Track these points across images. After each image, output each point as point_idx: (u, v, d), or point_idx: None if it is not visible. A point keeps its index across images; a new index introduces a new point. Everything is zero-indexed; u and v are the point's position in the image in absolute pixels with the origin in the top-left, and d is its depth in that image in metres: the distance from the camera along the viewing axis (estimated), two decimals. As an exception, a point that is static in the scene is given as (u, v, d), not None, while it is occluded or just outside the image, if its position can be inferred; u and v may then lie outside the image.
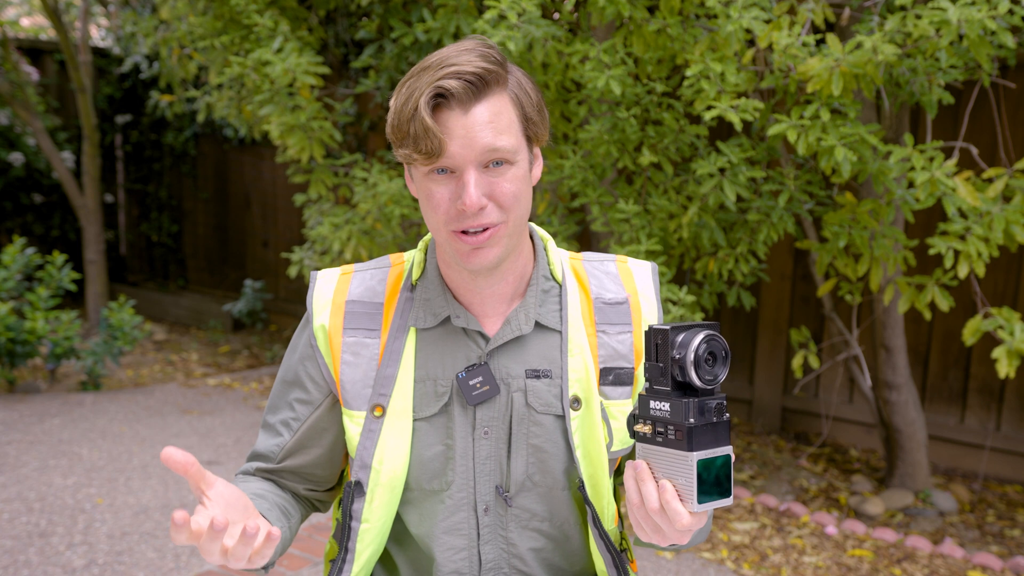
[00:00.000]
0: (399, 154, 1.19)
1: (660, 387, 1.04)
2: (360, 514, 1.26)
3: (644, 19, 3.02)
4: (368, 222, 3.85)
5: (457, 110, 1.14)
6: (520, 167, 1.19)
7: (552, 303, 1.30)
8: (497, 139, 1.15)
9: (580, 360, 1.27)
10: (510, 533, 1.29)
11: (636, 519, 1.07)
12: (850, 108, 2.94)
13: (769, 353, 4.70)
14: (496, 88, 1.17)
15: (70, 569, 3.07)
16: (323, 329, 1.29)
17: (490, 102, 1.16)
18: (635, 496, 1.06)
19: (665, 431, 1.03)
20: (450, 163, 1.16)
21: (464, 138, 1.14)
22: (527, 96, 1.21)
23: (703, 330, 1.03)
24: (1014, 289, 4.05)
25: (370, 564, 1.30)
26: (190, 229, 7.47)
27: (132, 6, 6.14)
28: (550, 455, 1.27)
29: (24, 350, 5.01)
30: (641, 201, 3.43)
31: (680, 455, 1.01)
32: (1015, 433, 4.12)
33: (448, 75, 1.13)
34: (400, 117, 1.16)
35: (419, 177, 1.20)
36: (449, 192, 1.17)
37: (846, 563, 3.31)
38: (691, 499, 1.01)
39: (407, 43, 3.85)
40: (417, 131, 1.13)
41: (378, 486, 1.25)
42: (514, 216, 1.19)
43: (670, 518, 1.02)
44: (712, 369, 1.03)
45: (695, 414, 1.01)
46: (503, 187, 1.17)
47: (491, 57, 1.17)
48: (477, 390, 1.25)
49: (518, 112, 1.19)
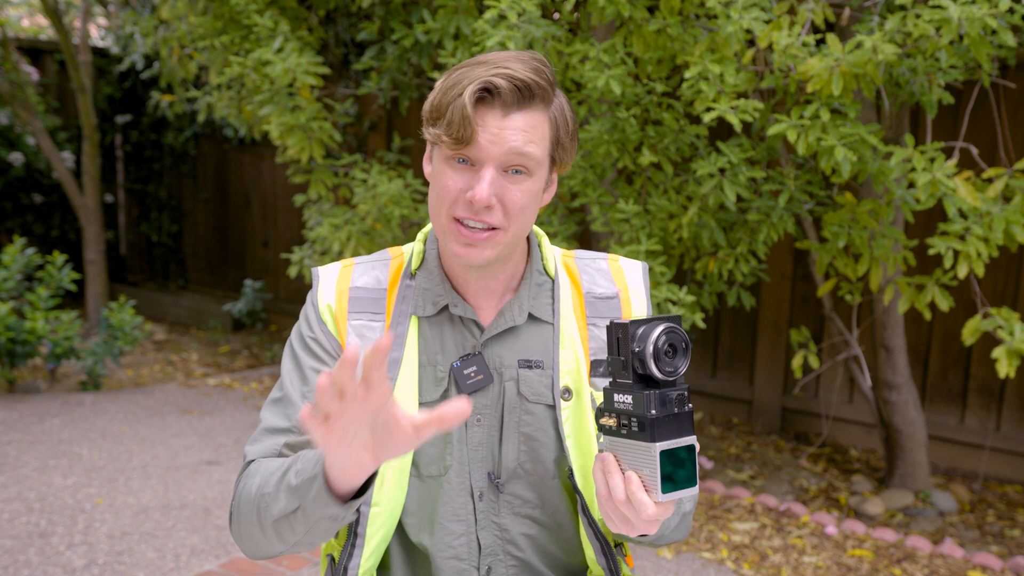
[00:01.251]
0: (429, 132, 1.22)
1: (622, 380, 1.06)
2: (370, 498, 1.26)
3: (644, 19, 3.02)
4: (368, 223, 3.85)
5: (498, 109, 1.18)
6: (536, 183, 1.23)
7: (545, 296, 1.34)
8: (525, 146, 1.19)
9: (571, 352, 1.30)
10: (502, 519, 1.31)
11: (605, 511, 1.09)
12: (850, 108, 2.94)
13: (769, 353, 4.69)
14: (540, 103, 1.21)
15: (70, 569, 3.07)
16: (329, 309, 1.31)
17: (530, 114, 1.20)
18: (603, 488, 1.08)
19: (629, 423, 1.05)
20: (474, 155, 1.19)
21: (495, 136, 1.18)
22: (565, 121, 1.25)
23: (663, 323, 1.05)
24: (1014, 289, 4.05)
25: (380, 549, 1.30)
26: (190, 229, 7.47)
27: (132, 6, 6.13)
28: (541, 444, 1.30)
29: (24, 350, 5.01)
30: (641, 201, 3.43)
31: (643, 446, 1.03)
32: (1015, 433, 4.12)
33: (501, 75, 1.17)
34: (443, 98, 1.20)
35: (439, 159, 1.23)
36: (463, 181, 1.20)
37: (846, 563, 3.31)
38: (655, 489, 1.03)
39: (408, 44, 3.85)
40: (454, 115, 1.17)
41: (388, 468, 1.26)
42: (516, 226, 1.22)
43: (636, 509, 1.04)
44: (672, 361, 1.04)
45: (656, 406, 1.03)
46: (515, 195, 1.21)
47: (544, 74, 1.21)
48: (471, 379, 1.28)
49: (552, 133, 1.23)
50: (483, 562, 1.32)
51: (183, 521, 3.47)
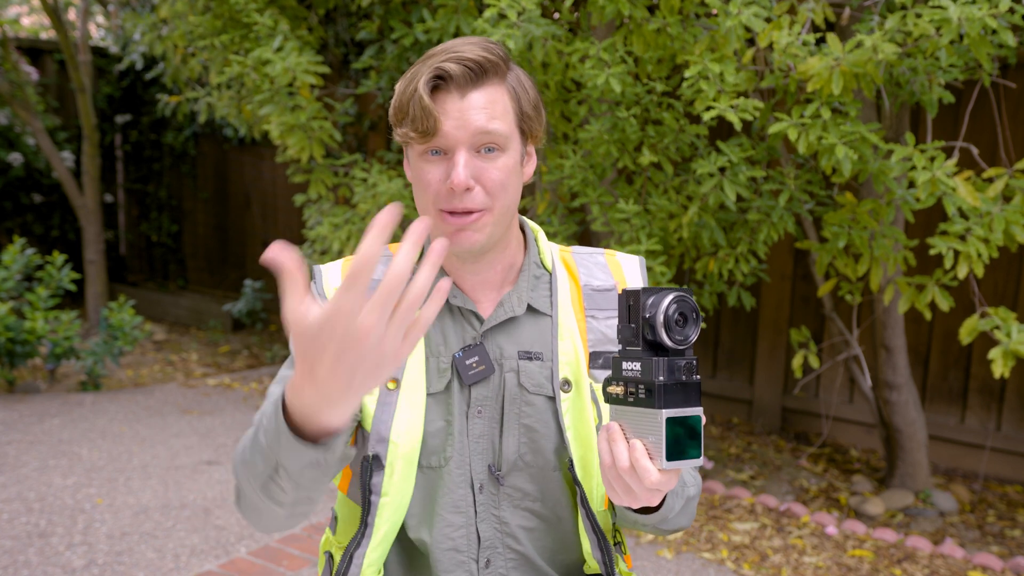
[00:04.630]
0: (398, 134, 1.24)
1: (632, 348, 1.06)
2: (380, 488, 1.26)
3: (644, 18, 3.02)
4: (368, 222, 3.85)
5: (455, 93, 1.20)
6: (511, 157, 1.24)
7: (543, 289, 1.34)
8: (490, 123, 1.20)
9: (570, 343, 1.30)
10: (502, 512, 1.32)
11: (608, 480, 1.09)
12: (850, 107, 2.94)
13: (769, 353, 4.69)
14: (494, 78, 1.22)
15: (70, 569, 3.07)
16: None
17: (487, 90, 1.21)
18: (607, 457, 1.07)
19: (636, 390, 1.04)
20: (443, 143, 1.20)
21: (458, 119, 1.19)
22: (524, 92, 1.26)
23: (674, 292, 1.05)
24: (1014, 289, 4.04)
25: (386, 541, 1.30)
26: (190, 229, 7.47)
27: (132, 6, 6.13)
28: (541, 435, 1.30)
29: (24, 350, 5.00)
30: (641, 201, 3.43)
31: (650, 413, 1.03)
32: (1015, 433, 4.12)
33: (449, 59, 1.19)
34: (401, 98, 1.22)
35: (414, 158, 1.25)
36: (441, 173, 1.22)
37: (846, 563, 3.30)
38: (660, 456, 1.02)
39: (407, 44, 3.85)
40: (415, 111, 1.19)
41: (397, 458, 1.26)
42: (500, 204, 1.23)
43: (639, 476, 1.03)
44: (683, 329, 1.04)
45: (665, 372, 1.02)
46: (492, 173, 1.22)
47: (493, 51, 1.22)
48: (473, 369, 1.28)
49: (514, 104, 1.24)
50: (482, 554, 1.32)
51: (183, 521, 3.47)
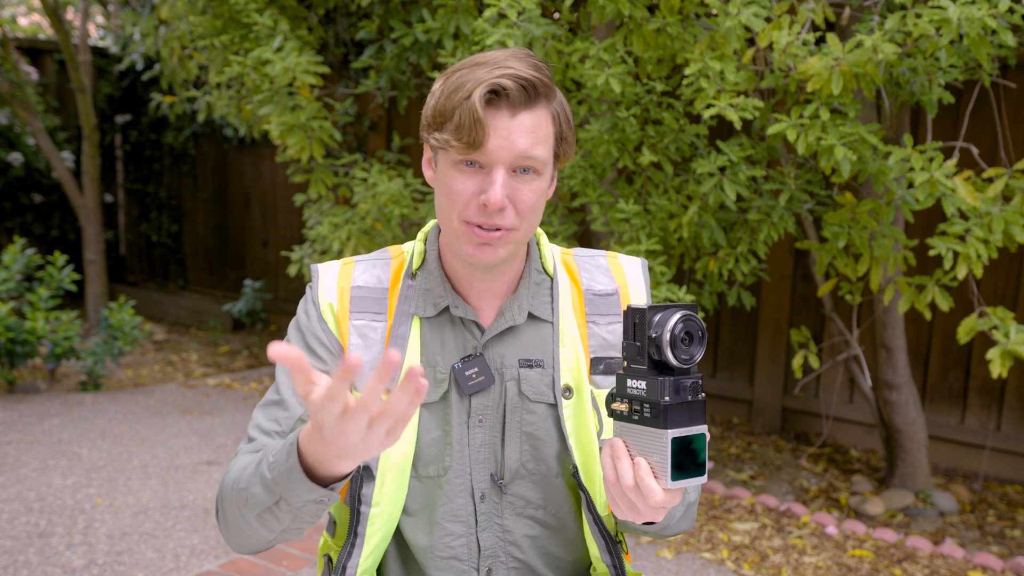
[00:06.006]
0: (434, 137, 1.20)
1: (637, 366, 1.05)
2: (370, 498, 1.26)
3: (644, 18, 3.02)
4: (368, 222, 3.85)
5: (506, 111, 1.17)
6: (543, 180, 1.23)
7: (544, 295, 1.33)
8: (534, 148, 1.19)
9: (571, 350, 1.30)
10: (505, 520, 1.31)
11: (612, 496, 1.09)
12: (850, 108, 2.94)
13: (769, 353, 4.69)
14: (543, 101, 1.21)
15: (70, 569, 3.07)
16: (331, 308, 1.29)
17: (535, 112, 1.19)
18: (611, 473, 1.07)
19: (641, 409, 1.04)
20: (484, 158, 1.18)
21: (505, 139, 1.17)
22: (564, 116, 1.25)
23: (680, 310, 1.05)
24: (1014, 289, 4.04)
25: (379, 550, 1.30)
26: (190, 229, 7.47)
27: (132, 6, 6.13)
28: (543, 443, 1.29)
29: (24, 350, 5.00)
30: (641, 201, 3.43)
31: (655, 432, 1.03)
32: (1015, 433, 4.12)
33: (507, 75, 1.16)
34: (448, 103, 1.18)
35: (445, 164, 1.22)
36: (474, 186, 1.19)
37: (846, 563, 3.30)
38: (665, 476, 1.02)
39: (407, 43, 3.85)
40: (464, 120, 1.16)
41: (388, 469, 1.25)
42: (527, 225, 1.23)
43: (644, 495, 1.03)
44: (688, 349, 1.04)
45: (670, 392, 1.02)
46: (525, 195, 1.20)
47: (543, 71, 1.20)
48: (473, 380, 1.27)
49: (555, 129, 1.23)
50: (483, 563, 1.31)
51: (183, 521, 3.47)
